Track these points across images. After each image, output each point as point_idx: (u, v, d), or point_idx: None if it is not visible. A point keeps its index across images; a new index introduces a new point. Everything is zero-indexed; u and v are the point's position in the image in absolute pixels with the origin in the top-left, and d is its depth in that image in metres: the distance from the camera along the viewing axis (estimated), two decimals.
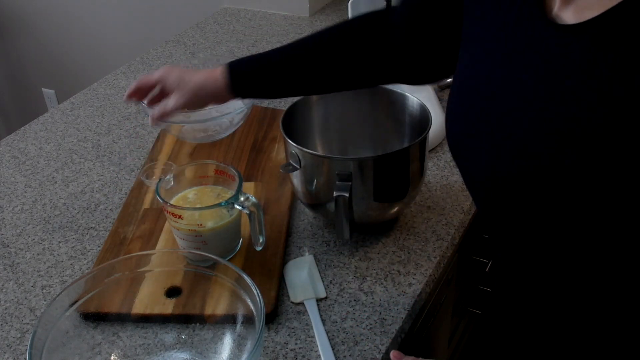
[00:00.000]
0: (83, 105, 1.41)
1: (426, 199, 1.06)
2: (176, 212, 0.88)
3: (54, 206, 1.10)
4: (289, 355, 0.82)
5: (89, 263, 0.98)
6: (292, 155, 0.93)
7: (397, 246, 0.97)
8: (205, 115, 1.12)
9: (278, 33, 1.69)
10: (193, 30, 1.73)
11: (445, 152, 1.17)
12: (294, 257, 0.96)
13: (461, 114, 0.69)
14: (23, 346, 0.85)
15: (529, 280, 0.70)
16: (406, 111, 1.02)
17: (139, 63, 1.58)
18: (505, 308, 0.78)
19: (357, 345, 0.83)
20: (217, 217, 0.90)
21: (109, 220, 1.06)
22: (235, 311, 0.81)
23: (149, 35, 2.19)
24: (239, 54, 1.58)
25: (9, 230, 1.05)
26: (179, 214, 0.88)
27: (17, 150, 1.26)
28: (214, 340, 0.83)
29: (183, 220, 0.89)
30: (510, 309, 0.77)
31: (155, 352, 0.82)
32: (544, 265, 0.66)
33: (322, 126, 1.07)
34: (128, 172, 1.17)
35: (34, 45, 2.50)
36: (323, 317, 0.87)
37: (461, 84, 0.71)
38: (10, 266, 0.98)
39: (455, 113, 0.71)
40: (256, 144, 1.20)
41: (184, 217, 0.89)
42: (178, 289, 0.86)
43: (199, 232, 0.89)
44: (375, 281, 0.92)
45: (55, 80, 2.55)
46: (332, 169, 0.90)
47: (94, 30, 2.33)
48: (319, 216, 1.03)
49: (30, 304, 0.92)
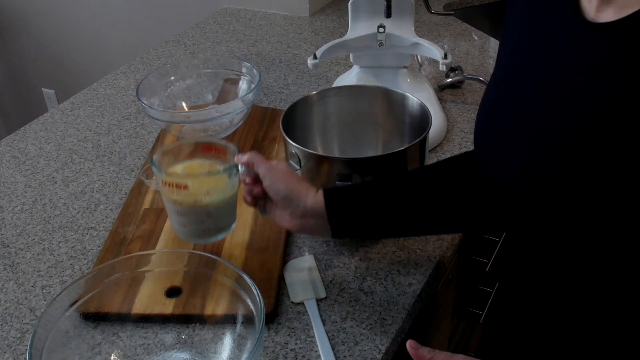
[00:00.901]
0: (83, 105, 1.41)
1: None
2: (181, 183, 0.84)
3: (54, 206, 1.10)
4: (289, 355, 0.82)
5: (89, 263, 0.98)
6: (292, 155, 0.93)
7: (397, 246, 0.97)
8: (205, 115, 1.12)
9: (278, 33, 1.69)
10: (193, 30, 1.73)
11: (445, 152, 1.17)
12: (294, 257, 0.96)
13: (494, 110, 0.69)
14: (23, 346, 0.85)
15: (547, 282, 0.69)
16: (406, 111, 1.02)
17: (139, 63, 1.58)
18: (514, 309, 0.78)
19: (357, 345, 0.83)
20: (222, 186, 0.86)
21: (109, 220, 1.06)
22: (235, 311, 0.81)
23: (149, 35, 2.19)
24: (239, 54, 1.58)
25: (9, 230, 1.05)
26: (184, 184, 0.84)
27: (17, 150, 1.26)
28: (214, 340, 0.83)
29: (189, 190, 0.84)
30: (520, 310, 0.76)
31: (155, 352, 0.82)
32: (566, 266, 0.65)
33: (322, 126, 1.07)
34: (128, 172, 1.17)
35: (34, 45, 2.50)
36: (323, 317, 0.87)
37: (496, 80, 0.71)
38: (10, 266, 0.98)
39: (488, 109, 0.70)
40: (256, 144, 1.20)
41: (190, 186, 0.84)
42: (178, 289, 0.86)
43: (205, 203, 0.85)
44: (375, 281, 0.92)
45: (55, 80, 2.55)
46: (332, 169, 0.90)
47: (94, 30, 2.33)
48: None
49: (30, 304, 0.92)
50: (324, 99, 1.05)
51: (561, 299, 0.69)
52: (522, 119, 0.64)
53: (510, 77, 0.69)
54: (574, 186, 0.59)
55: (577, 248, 0.62)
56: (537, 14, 0.66)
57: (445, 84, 1.35)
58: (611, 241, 0.59)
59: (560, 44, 0.62)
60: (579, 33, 0.60)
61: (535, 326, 0.74)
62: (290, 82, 1.44)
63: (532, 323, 0.75)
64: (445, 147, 1.18)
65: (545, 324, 0.72)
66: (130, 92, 1.44)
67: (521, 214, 0.68)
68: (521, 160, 0.64)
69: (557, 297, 0.69)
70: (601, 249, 0.60)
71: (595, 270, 0.62)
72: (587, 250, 0.62)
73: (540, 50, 0.64)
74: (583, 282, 0.65)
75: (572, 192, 0.59)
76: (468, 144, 1.19)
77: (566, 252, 0.64)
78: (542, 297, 0.71)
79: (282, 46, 1.62)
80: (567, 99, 0.60)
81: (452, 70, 1.37)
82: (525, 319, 0.76)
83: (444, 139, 1.20)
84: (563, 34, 0.62)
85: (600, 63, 0.57)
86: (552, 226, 0.64)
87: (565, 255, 0.64)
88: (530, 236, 0.69)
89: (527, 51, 0.66)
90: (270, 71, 1.49)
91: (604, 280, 0.63)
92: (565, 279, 0.67)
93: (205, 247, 0.96)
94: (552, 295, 0.70)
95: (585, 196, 0.58)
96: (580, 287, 0.66)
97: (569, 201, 0.60)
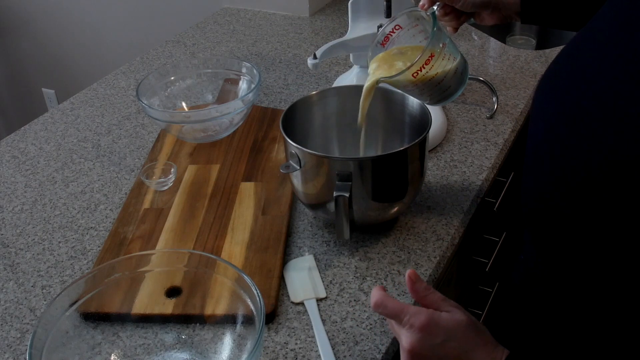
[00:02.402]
0: (83, 105, 1.41)
1: (426, 199, 1.06)
2: (428, 57, 0.82)
3: (54, 206, 1.10)
4: (289, 355, 0.82)
5: (89, 263, 0.98)
6: (292, 155, 0.93)
7: (397, 246, 0.97)
8: (205, 115, 1.12)
9: (278, 33, 1.69)
10: (193, 30, 1.73)
11: (445, 152, 1.17)
12: (294, 257, 0.96)
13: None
14: (23, 346, 0.85)
15: (562, 285, 0.68)
16: (406, 111, 1.02)
17: (139, 63, 1.58)
18: (514, 309, 0.78)
19: (357, 345, 0.83)
20: (447, 54, 0.86)
21: (109, 220, 1.06)
22: (235, 311, 0.81)
23: (149, 35, 2.19)
24: (239, 54, 1.58)
25: (9, 230, 1.05)
26: (429, 57, 0.82)
27: (17, 150, 1.26)
28: (214, 340, 0.83)
29: (434, 63, 0.83)
30: (520, 310, 0.76)
31: (155, 352, 0.82)
32: (585, 270, 0.64)
33: (322, 126, 1.07)
34: (128, 172, 1.17)
35: (34, 45, 2.50)
36: (323, 317, 0.87)
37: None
38: (10, 266, 0.98)
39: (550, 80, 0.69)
40: (256, 144, 1.20)
41: (434, 61, 0.83)
42: (178, 289, 0.86)
43: (452, 70, 0.85)
44: (375, 281, 0.92)
45: (55, 80, 2.55)
46: (332, 169, 0.90)
47: (94, 30, 2.33)
48: (319, 216, 1.03)
49: (30, 304, 0.92)
50: (324, 99, 1.05)
51: (571, 301, 0.68)
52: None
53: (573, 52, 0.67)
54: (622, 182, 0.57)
55: (601, 252, 0.61)
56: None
57: None
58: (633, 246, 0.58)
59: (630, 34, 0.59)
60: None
61: (536, 326, 0.74)
62: (290, 82, 1.44)
63: (532, 323, 0.75)
64: (445, 147, 1.18)
65: (547, 325, 0.72)
66: (130, 92, 1.45)
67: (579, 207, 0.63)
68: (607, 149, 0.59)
69: (567, 300, 0.69)
70: (621, 253, 0.59)
71: (612, 273, 0.62)
72: (609, 253, 0.61)
73: (612, 34, 0.62)
74: (597, 285, 0.64)
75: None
76: (468, 144, 1.19)
77: (589, 256, 0.63)
78: (551, 300, 0.71)
79: (282, 46, 1.62)
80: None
81: None
82: (525, 319, 0.76)
83: (444, 139, 1.20)
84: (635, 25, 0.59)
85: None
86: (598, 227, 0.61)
87: (587, 259, 0.63)
88: (563, 238, 0.66)
89: (598, 29, 0.64)
90: (270, 71, 1.49)
91: (618, 284, 0.62)
92: (581, 283, 0.66)
93: (205, 247, 0.96)
94: (562, 298, 0.69)
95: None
96: (593, 291, 0.65)
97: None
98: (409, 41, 0.91)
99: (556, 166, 0.64)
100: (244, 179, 1.10)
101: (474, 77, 1.34)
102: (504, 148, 1.19)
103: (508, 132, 1.22)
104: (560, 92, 0.67)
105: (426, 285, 0.69)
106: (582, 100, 0.63)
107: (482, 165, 1.13)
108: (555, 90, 0.68)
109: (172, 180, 1.10)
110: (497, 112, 1.28)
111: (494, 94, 1.29)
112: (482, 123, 1.25)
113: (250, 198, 1.06)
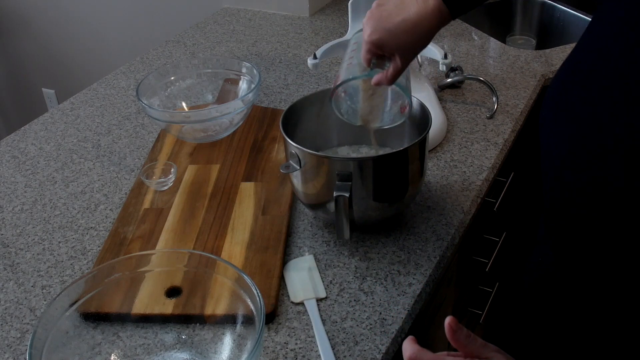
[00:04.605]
0: (83, 105, 1.41)
1: (426, 199, 1.06)
2: None
3: (54, 206, 1.10)
4: (289, 355, 0.82)
5: (89, 263, 0.98)
6: (292, 155, 0.93)
7: (397, 246, 0.97)
8: (205, 115, 1.12)
9: (278, 33, 1.69)
10: (193, 30, 1.73)
11: (445, 152, 1.17)
12: (294, 257, 0.96)
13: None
14: (23, 346, 0.85)
15: (576, 287, 0.68)
16: None
17: (139, 63, 1.58)
18: (514, 309, 0.77)
19: (357, 345, 0.83)
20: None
21: (109, 220, 1.06)
22: (235, 311, 0.81)
23: (149, 35, 2.19)
24: (239, 54, 1.58)
25: (9, 230, 1.05)
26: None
27: (17, 150, 1.26)
28: (214, 340, 0.83)
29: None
30: (520, 310, 0.75)
31: (155, 352, 0.82)
32: (601, 272, 0.64)
33: (322, 126, 1.07)
34: (128, 172, 1.17)
35: (34, 45, 2.50)
36: (323, 317, 0.87)
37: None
38: (10, 266, 0.98)
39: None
40: (256, 144, 1.20)
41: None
42: (178, 289, 0.86)
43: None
44: (375, 281, 0.92)
45: (55, 80, 2.55)
46: (332, 169, 0.90)
47: (94, 30, 2.33)
48: (319, 216, 1.03)
49: (30, 304, 0.92)
50: (324, 99, 1.05)
51: (591, 307, 0.67)
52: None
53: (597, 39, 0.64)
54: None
55: (627, 256, 0.60)
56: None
57: (445, 84, 1.35)
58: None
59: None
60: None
61: (536, 326, 0.74)
62: (290, 82, 1.44)
63: (533, 323, 0.74)
64: (445, 147, 1.18)
65: (548, 325, 0.72)
66: (130, 92, 1.45)
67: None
68: None
69: (587, 306, 0.68)
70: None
71: (636, 278, 0.61)
72: (635, 257, 0.60)
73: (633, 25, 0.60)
74: (619, 292, 0.63)
75: None
76: (468, 144, 1.19)
77: (615, 260, 0.62)
78: (569, 305, 0.70)
79: (282, 46, 1.62)
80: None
81: (452, 70, 1.37)
82: (525, 319, 0.76)
83: (444, 139, 1.20)
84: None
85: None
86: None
87: (613, 263, 0.62)
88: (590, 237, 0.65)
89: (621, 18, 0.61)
90: (270, 71, 1.49)
91: (630, 288, 0.61)
92: (603, 288, 0.65)
93: (205, 247, 0.96)
94: (582, 303, 0.68)
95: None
96: (615, 298, 0.64)
97: None
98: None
99: (584, 172, 0.62)
100: (244, 179, 1.10)
101: (474, 77, 1.34)
102: (504, 148, 1.19)
103: (508, 132, 1.22)
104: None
105: (467, 332, 0.66)
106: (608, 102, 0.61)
107: (482, 165, 1.13)
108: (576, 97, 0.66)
109: (172, 180, 1.10)
110: (497, 112, 1.28)
111: (494, 94, 1.29)
112: (482, 123, 1.25)
113: (250, 198, 1.06)
